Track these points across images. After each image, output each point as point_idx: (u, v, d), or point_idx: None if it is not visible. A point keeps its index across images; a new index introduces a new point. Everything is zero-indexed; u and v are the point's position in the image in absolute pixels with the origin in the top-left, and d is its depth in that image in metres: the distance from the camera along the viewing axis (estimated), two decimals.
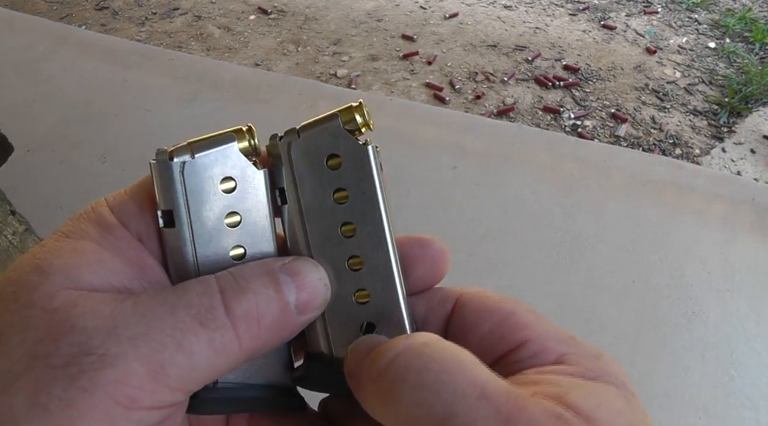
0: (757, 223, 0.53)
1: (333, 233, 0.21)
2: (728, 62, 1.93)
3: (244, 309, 0.19)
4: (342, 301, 0.21)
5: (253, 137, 0.21)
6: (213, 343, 0.18)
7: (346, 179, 0.21)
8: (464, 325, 0.21)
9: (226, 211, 0.21)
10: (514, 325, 0.21)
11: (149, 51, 0.79)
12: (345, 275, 0.21)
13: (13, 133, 0.61)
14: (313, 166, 0.21)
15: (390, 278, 0.21)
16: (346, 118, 0.21)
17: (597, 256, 0.50)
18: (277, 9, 2.18)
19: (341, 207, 0.21)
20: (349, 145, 0.21)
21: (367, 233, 0.21)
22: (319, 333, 0.22)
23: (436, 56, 1.95)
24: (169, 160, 0.20)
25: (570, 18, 2.14)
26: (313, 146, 0.21)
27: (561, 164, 0.57)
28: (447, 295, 0.22)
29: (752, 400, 0.43)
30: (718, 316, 0.47)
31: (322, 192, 0.21)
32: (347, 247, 0.21)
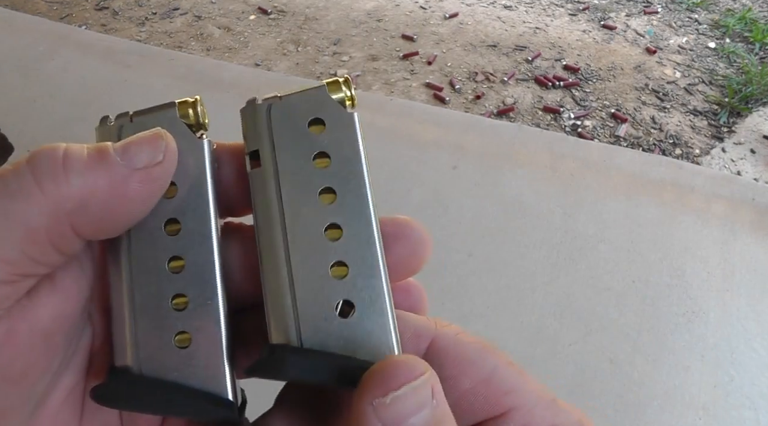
0: (757, 223, 0.53)
1: (311, 200, 0.20)
2: (728, 62, 1.93)
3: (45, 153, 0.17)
4: (316, 274, 0.19)
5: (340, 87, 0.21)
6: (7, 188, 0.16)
7: (329, 145, 0.20)
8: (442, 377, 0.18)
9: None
10: (498, 386, 0.19)
11: (149, 51, 0.79)
12: (322, 245, 0.19)
13: (13, 133, 0.61)
14: (294, 128, 0.20)
15: (372, 252, 0.19)
16: (333, 87, 0.21)
17: (597, 256, 0.51)
18: (277, 9, 2.18)
19: (322, 172, 0.20)
20: (335, 110, 0.20)
21: (348, 201, 0.20)
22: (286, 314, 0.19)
23: (436, 56, 1.95)
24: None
25: (570, 18, 2.14)
26: (296, 109, 0.20)
27: (561, 164, 0.57)
28: (420, 331, 0.20)
29: (752, 400, 0.43)
30: (718, 316, 0.47)
31: (302, 155, 0.20)
32: (326, 215, 0.20)
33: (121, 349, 0.20)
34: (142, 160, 0.18)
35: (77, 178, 0.17)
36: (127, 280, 0.20)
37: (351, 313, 0.19)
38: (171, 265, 0.20)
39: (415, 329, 0.20)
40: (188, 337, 0.20)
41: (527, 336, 0.47)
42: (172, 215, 0.20)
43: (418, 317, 0.21)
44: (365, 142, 0.20)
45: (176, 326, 0.20)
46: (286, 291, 0.19)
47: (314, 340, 0.19)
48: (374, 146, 0.60)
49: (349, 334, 0.19)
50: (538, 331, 0.47)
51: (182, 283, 0.20)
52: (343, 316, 0.19)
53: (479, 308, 0.48)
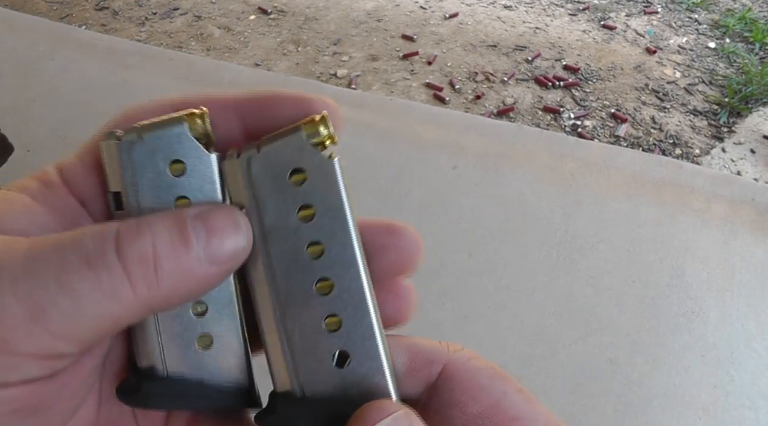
0: (757, 223, 0.54)
1: (299, 254, 0.20)
2: (728, 62, 1.93)
3: (137, 250, 0.17)
4: (312, 330, 0.20)
5: (205, 122, 0.20)
6: (101, 285, 0.16)
7: (312, 195, 0.20)
8: (452, 402, 0.20)
9: (175, 194, 0.20)
10: (506, 412, 0.20)
11: (149, 51, 0.79)
12: (313, 300, 0.20)
13: (13, 133, 0.61)
14: (276, 182, 0.20)
15: (362, 301, 0.20)
16: (310, 130, 0.20)
17: (597, 256, 0.51)
18: (277, 9, 2.18)
19: (307, 225, 0.20)
20: (315, 158, 0.20)
21: (335, 253, 0.20)
22: (286, 367, 0.20)
23: (436, 56, 1.95)
24: (115, 141, 0.19)
25: (570, 18, 2.14)
26: (276, 161, 0.20)
27: (561, 164, 0.57)
28: (433, 357, 0.21)
29: (752, 400, 0.43)
30: (718, 316, 0.47)
31: (286, 210, 0.20)
32: (315, 268, 0.20)
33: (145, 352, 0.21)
34: (225, 254, 0.19)
35: (168, 280, 0.18)
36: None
37: (347, 363, 0.20)
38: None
39: (427, 355, 0.21)
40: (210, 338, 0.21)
41: (527, 336, 0.47)
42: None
43: (431, 342, 0.21)
44: (348, 188, 0.20)
45: (198, 330, 0.21)
46: (284, 348, 0.20)
47: (314, 390, 0.20)
48: (374, 146, 0.60)
49: (347, 382, 0.20)
50: (538, 331, 0.47)
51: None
52: (340, 365, 0.20)
53: (479, 308, 0.48)
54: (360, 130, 0.61)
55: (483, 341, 0.46)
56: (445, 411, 0.20)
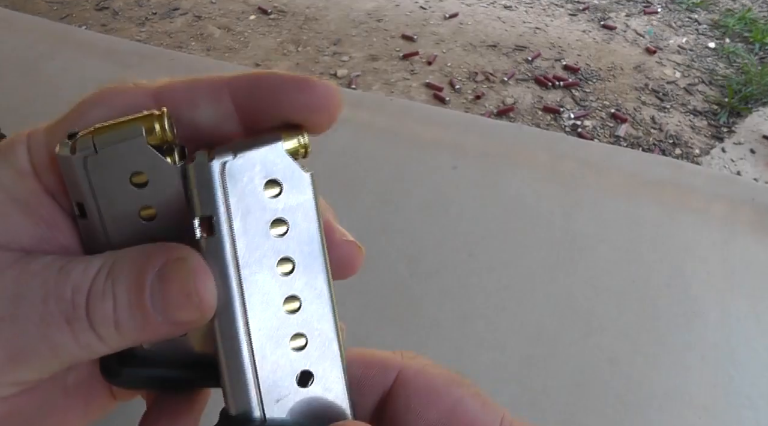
0: (757, 223, 0.54)
1: (269, 268, 0.19)
2: (728, 62, 1.94)
3: (101, 315, 0.18)
4: (277, 347, 0.19)
5: (163, 126, 0.18)
6: (76, 340, 0.18)
7: (285, 209, 0.19)
8: (407, 409, 0.20)
9: (139, 205, 0.19)
10: (460, 418, 0.20)
11: (149, 51, 0.79)
12: (281, 318, 0.19)
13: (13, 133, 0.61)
14: (250, 191, 0.19)
15: (328, 322, 0.20)
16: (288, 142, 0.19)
17: (597, 256, 0.51)
18: (277, 9, 2.18)
19: (279, 240, 0.19)
20: (291, 171, 0.19)
21: (306, 268, 0.19)
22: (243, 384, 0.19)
23: (436, 56, 1.95)
24: (70, 155, 0.18)
25: (570, 18, 2.15)
26: (252, 169, 0.19)
27: (561, 164, 0.57)
28: (386, 364, 0.21)
29: (752, 400, 0.43)
30: (718, 316, 0.47)
31: (258, 222, 0.19)
32: (284, 286, 0.19)
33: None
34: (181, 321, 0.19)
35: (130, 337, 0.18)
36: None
37: (310, 382, 0.20)
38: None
39: (381, 364, 0.21)
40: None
41: (527, 336, 0.47)
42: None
43: (383, 352, 0.21)
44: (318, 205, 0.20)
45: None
46: (247, 365, 0.19)
47: (276, 411, 0.20)
48: (374, 146, 0.60)
49: (308, 402, 0.20)
50: (538, 331, 0.47)
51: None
52: (302, 385, 0.20)
53: (479, 308, 0.48)
54: (360, 130, 0.61)
55: (483, 341, 0.46)
56: (402, 418, 0.20)
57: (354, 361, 0.21)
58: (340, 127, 0.67)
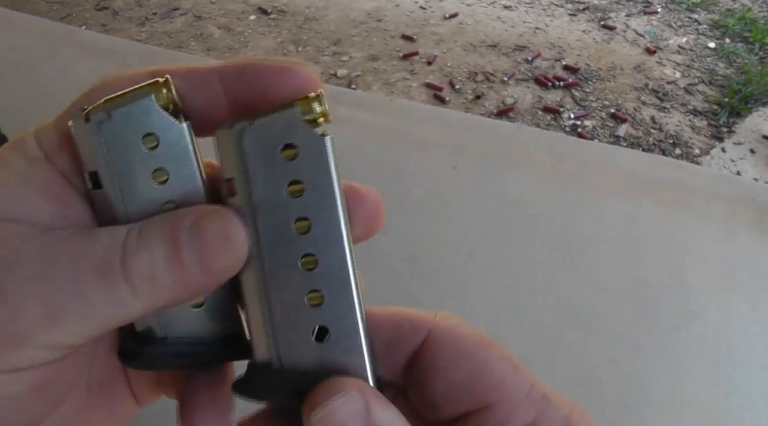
0: (757, 223, 0.54)
1: (285, 229, 0.20)
2: (728, 62, 1.94)
3: (138, 267, 0.18)
4: (294, 303, 0.20)
5: (170, 90, 0.20)
6: (110, 295, 0.18)
7: (302, 171, 0.20)
8: (434, 368, 0.20)
9: (152, 168, 0.20)
10: (487, 379, 0.20)
11: (149, 51, 0.79)
12: (297, 275, 0.20)
13: (14, 133, 0.61)
14: (267, 156, 0.20)
15: (345, 279, 0.20)
16: (304, 107, 0.20)
17: (597, 256, 0.51)
18: (277, 9, 2.18)
19: (296, 201, 0.20)
20: (307, 135, 0.20)
21: (322, 230, 0.20)
22: (266, 339, 0.20)
23: (436, 56, 1.95)
24: (85, 122, 0.19)
25: (570, 18, 2.15)
26: (268, 135, 0.20)
27: (561, 164, 0.57)
28: (417, 324, 0.21)
29: (752, 400, 0.43)
30: (718, 316, 0.47)
31: (276, 184, 0.20)
32: (300, 244, 0.20)
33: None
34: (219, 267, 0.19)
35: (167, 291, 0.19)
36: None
37: (326, 338, 0.20)
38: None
39: (412, 323, 0.21)
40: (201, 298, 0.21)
41: (527, 336, 0.47)
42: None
43: (416, 311, 0.21)
44: (338, 166, 0.20)
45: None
46: (266, 319, 0.20)
47: (292, 362, 0.20)
48: (374, 146, 0.60)
49: (325, 357, 0.20)
50: (538, 331, 0.47)
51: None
52: (319, 340, 0.20)
53: (479, 308, 0.48)
54: (360, 130, 0.61)
55: None
56: (428, 377, 0.20)
57: (386, 321, 0.21)
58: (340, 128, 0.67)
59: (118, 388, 0.23)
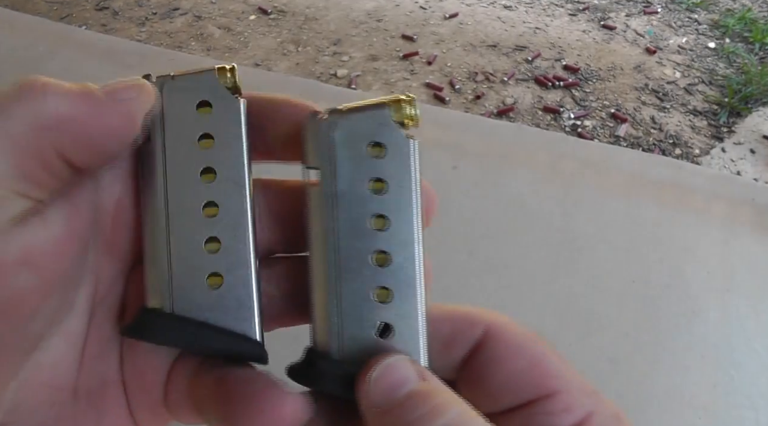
0: (757, 223, 0.54)
1: (363, 223, 0.21)
2: (728, 62, 1.94)
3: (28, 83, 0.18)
4: (361, 297, 0.20)
5: (233, 75, 0.22)
6: None
7: (386, 170, 0.21)
8: (493, 359, 0.21)
9: (199, 132, 0.21)
10: (546, 370, 0.20)
11: (149, 51, 0.79)
12: (367, 269, 0.20)
13: None
14: (354, 150, 0.21)
15: (414, 279, 0.21)
16: (396, 108, 0.21)
17: (597, 256, 0.51)
18: (277, 9, 2.18)
19: (376, 198, 0.21)
20: (395, 135, 0.21)
21: (398, 229, 0.21)
22: (329, 328, 0.21)
23: (436, 56, 1.95)
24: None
25: (570, 18, 2.15)
26: (358, 130, 0.21)
27: (561, 164, 0.57)
28: (475, 319, 0.21)
29: (752, 400, 0.43)
30: (718, 316, 0.47)
31: (359, 178, 0.21)
32: (376, 240, 0.21)
33: (154, 290, 0.21)
34: (122, 94, 0.20)
35: (56, 97, 0.18)
36: (162, 224, 0.21)
37: (389, 335, 0.21)
38: (206, 210, 0.21)
39: (470, 318, 0.21)
40: (220, 279, 0.21)
41: None
42: (209, 164, 0.21)
43: (471, 308, 0.22)
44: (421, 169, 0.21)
45: (209, 268, 0.21)
46: (332, 309, 0.21)
47: (352, 354, 0.21)
48: None
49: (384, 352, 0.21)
50: (538, 331, 0.47)
51: (216, 228, 0.21)
52: (382, 336, 0.21)
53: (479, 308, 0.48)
54: None
55: None
56: (486, 367, 0.21)
57: (444, 318, 0.21)
58: None
59: (110, 403, 0.21)
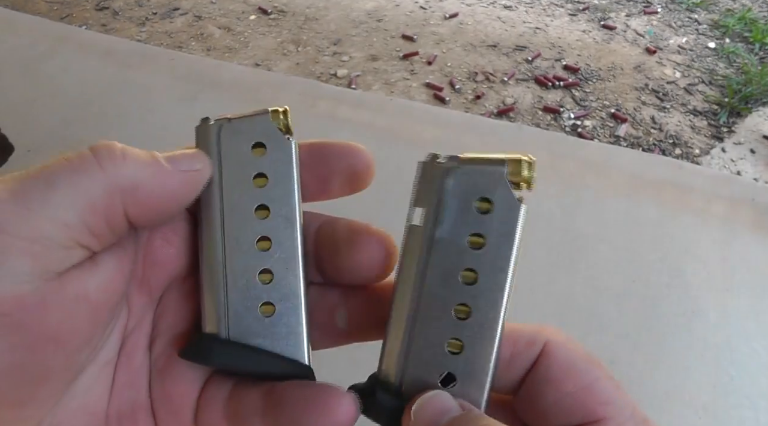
0: (757, 223, 0.54)
1: (453, 273, 0.21)
2: (728, 62, 1.93)
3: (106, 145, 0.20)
4: (433, 343, 0.21)
5: (286, 117, 0.23)
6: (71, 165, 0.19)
7: (489, 227, 0.21)
8: (548, 379, 0.21)
9: (254, 172, 0.22)
10: (597, 395, 0.21)
11: (149, 51, 0.79)
12: (447, 319, 0.21)
13: (14, 133, 0.61)
14: (463, 201, 0.21)
15: (491, 340, 0.21)
16: (514, 168, 0.20)
17: (597, 256, 0.51)
18: (277, 9, 2.18)
19: (473, 252, 0.21)
20: (507, 195, 0.20)
21: (486, 288, 0.21)
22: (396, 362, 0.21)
23: (436, 56, 1.94)
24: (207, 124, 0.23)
25: (570, 18, 2.15)
26: (471, 182, 0.21)
27: (561, 164, 0.57)
28: (534, 337, 0.22)
29: (752, 399, 0.43)
30: (718, 316, 0.47)
31: (461, 229, 0.21)
32: (461, 292, 0.21)
33: (210, 316, 0.22)
34: (184, 165, 0.22)
35: (132, 164, 0.20)
36: (220, 257, 0.22)
37: (451, 385, 0.21)
38: (259, 244, 0.23)
39: (528, 337, 0.22)
40: (272, 308, 0.22)
41: None
42: (263, 202, 0.23)
43: (531, 326, 0.22)
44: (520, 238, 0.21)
45: (262, 298, 0.22)
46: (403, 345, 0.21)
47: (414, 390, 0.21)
48: (374, 146, 0.60)
49: None
50: None
51: (269, 261, 0.22)
52: (444, 384, 0.21)
53: None
54: (360, 130, 0.61)
55: None
56: (540, 387, 0.21)
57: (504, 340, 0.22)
58: (341, 128, 0.67)
59: None
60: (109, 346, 0.22)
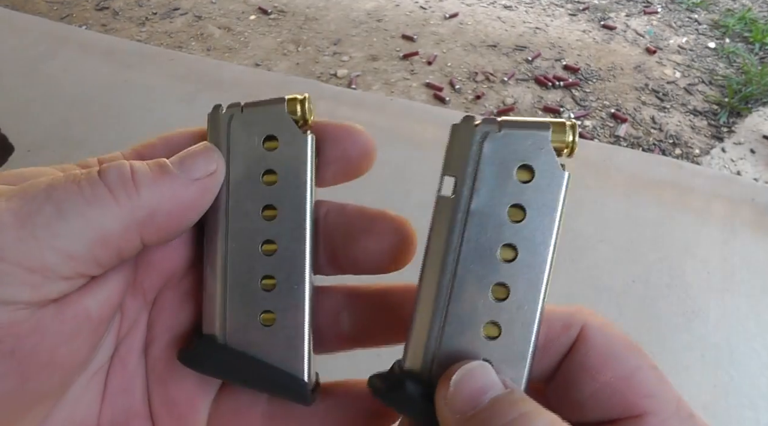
0: (757, 223, 0.54)
1: (491, 249, 0.19)
2: (728, 62, 1.93)
3: (116, 171, 0.19)
4: (467, 327, 0.19)
5: (304, 106, 0.21)
6: (83, 193, 0.18)
7: (530, 197, 0.19)
8: (585, 367, 0.19)
9: (264, 168, 0.21)
10: (638, 387, 0.19)
11: (149, 51, 0.79)
12: (482, 301, 0.19)
13: (14, 133, 0.61)
14: (502, 168, 0.19)
15: (530, 323, 0.19)
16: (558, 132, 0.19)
17: (597, 256, 0.51)
18: (277, 9, 2.18)
19: (512, 226, 0.19)
20: (550, 162, 0.19)
21: (527, 264, 0.19)
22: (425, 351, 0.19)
23: (436, 56, 1.94)
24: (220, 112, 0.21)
25: (570, 18, 2.15)
26: (511, 148, 0.18)
27: None
28: (570, 321, 0.20)
29: (752, 400, 0.43)
30: (718, 316, 0.47)
31: (500, 200, 0.19)
32: (500, 271, 0.19)
33: (210, 319, 0.21)
34: (198, 171, 0.20)
35: (147, 191, 0.19)
36: (222, 258, 0.21)
37: None
38: (264, 247, 0.21)
39: (564, 320, 0.20)
40: (273, 316, 0.21)
41: None
42: (271, 201, 0.21)
43: (566, 308, 0.21)
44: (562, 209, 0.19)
45: (263, 305, 0.21)
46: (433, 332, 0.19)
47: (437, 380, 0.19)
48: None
49: None
50: None
51: (273, 266, 0.21)
52: None
53: None
54: None
55: None
56: (576, 375, 0.19)
57: None
58: None
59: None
60: (101, 352, 0.21)
